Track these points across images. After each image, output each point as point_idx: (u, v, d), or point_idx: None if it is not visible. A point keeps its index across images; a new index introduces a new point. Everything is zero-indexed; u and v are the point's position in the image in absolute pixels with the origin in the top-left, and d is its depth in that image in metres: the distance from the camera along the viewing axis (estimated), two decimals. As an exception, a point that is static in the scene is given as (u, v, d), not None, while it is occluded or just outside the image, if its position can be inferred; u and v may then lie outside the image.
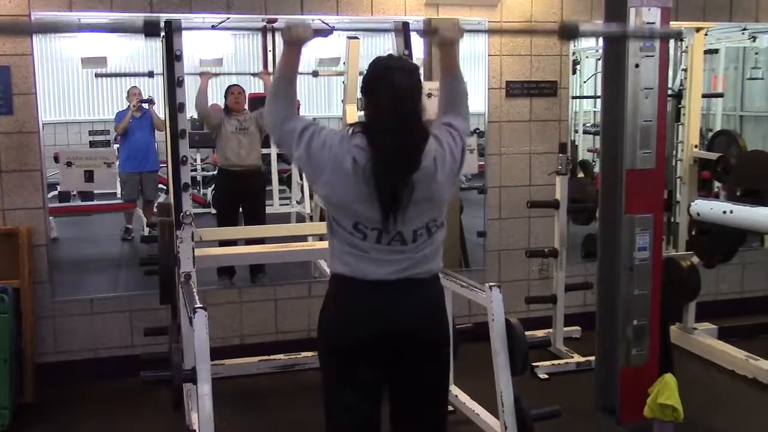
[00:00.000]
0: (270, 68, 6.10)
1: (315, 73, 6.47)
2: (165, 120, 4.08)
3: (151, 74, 5.72)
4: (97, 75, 5.92)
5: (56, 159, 4.68)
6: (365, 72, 2.32)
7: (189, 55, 4.15)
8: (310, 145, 2.26)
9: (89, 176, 4.43)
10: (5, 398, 3.94)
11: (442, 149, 2.30)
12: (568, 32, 2.54)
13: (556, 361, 4.69)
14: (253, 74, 6.74)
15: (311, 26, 2.35)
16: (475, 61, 5.29)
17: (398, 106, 2.21)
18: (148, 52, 8.92)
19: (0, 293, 3.99)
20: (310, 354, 4.56)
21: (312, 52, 6.14)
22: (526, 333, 3.15)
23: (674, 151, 5.66)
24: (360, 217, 2.25)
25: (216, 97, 5.91)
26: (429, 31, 2.37)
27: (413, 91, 2.26)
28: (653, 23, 3.59)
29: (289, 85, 2.35)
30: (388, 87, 2.22)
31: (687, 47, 5.44)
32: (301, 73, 2.41)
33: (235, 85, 5.94)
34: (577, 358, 4.70)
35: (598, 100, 5.48)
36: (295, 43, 2.33)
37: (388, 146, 2.19)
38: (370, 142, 2.21)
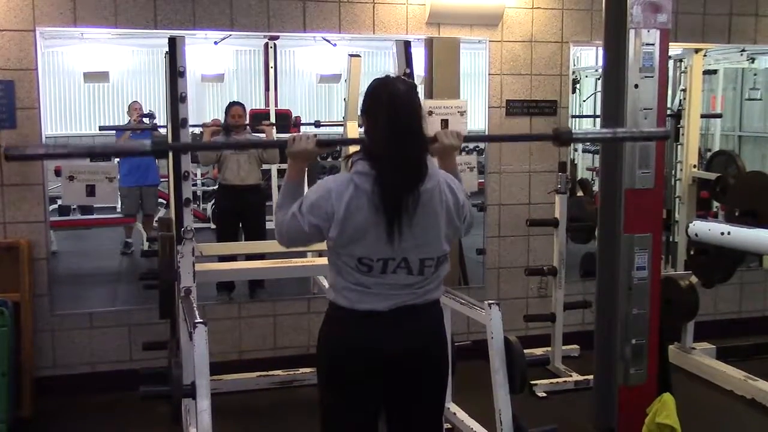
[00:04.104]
0: (271, 84, 6.12)
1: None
2: (167, 135, 4.10)
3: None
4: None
5: (57, 173, 4.69)
6: (365, 93, 2.33)
7: (191, 70, 4.18)
8: (311, 205, 2.24)
9: (91, 190, 4.44)
10: (3, 412, 3.93)
11: (446, 187, 2.31)
12: (563, 138, 2.83)
13: (554, 380, 4.68)
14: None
15: (314, 139, 2.35)
16: (476, 79, 5.32)
17: (397, 118, 2.22)
18: (151, 67, 9.01)
19: (0, 306, 3.99)
20: (308, 370, 4.56)
21: (314, 68, 6.16)
22: (525, 351, 3.15)
23: (673, 171, 5.69)
24: (366, 247, 2.23)
25: (217, 112, 5.93)
26: (429, 138, 2.41)
27: (411, 103, 2.27)
28: (652, 44, 3.62)
29: (297, 193, 2.35)
30: (387, 102, 2.24)
31: (686, 68, 5.48)
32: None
33: (235, 102, 5.96)
34: (576, 377, 4.70)
35: (598, 120, 5.52)
36: (299, 156, 2.35)
37: (389, 157, 2.19)
38: (372, 163, 2.22)
